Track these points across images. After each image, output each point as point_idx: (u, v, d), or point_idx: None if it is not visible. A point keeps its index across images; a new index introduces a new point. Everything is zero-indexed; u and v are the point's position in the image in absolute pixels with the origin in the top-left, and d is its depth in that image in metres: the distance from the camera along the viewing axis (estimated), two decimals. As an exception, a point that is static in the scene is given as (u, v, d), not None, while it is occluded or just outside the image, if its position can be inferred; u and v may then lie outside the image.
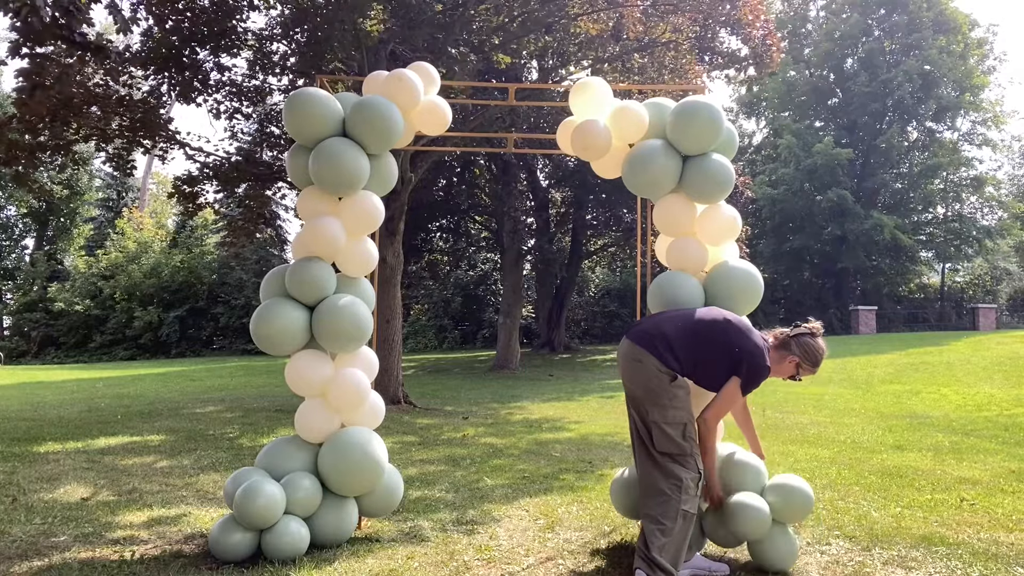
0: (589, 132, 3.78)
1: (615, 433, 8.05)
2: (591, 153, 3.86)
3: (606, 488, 5.02)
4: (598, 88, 3.94)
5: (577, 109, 4.00)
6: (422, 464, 6.24)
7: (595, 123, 3.80)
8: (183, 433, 7.96)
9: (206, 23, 9.19)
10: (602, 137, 3.78)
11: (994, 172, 34.83)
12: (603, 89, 3.94)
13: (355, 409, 3.90)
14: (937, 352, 16.30)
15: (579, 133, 3.82)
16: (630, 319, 27.80)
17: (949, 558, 3.64)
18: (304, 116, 3.77)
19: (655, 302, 3.75)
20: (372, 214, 3.95)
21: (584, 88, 3.96)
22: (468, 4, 9.93)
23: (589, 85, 3.96)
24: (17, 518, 4.41)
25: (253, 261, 28.89)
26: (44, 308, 30.21)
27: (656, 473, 3.22)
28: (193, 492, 5.14)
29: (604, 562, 3.62)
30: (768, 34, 12.38)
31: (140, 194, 39.19)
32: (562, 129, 4.13)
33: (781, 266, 30.98)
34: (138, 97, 10.74)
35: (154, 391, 13.29)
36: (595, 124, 3.80)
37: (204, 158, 11.33)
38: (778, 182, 30.00)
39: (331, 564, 3.57)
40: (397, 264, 10.78)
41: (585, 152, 3.86)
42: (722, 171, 3.72)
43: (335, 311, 3.76)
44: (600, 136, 3.78)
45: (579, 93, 3.97)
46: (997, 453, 6.56)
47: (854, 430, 8.03)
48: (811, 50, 32.72)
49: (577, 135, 3.83)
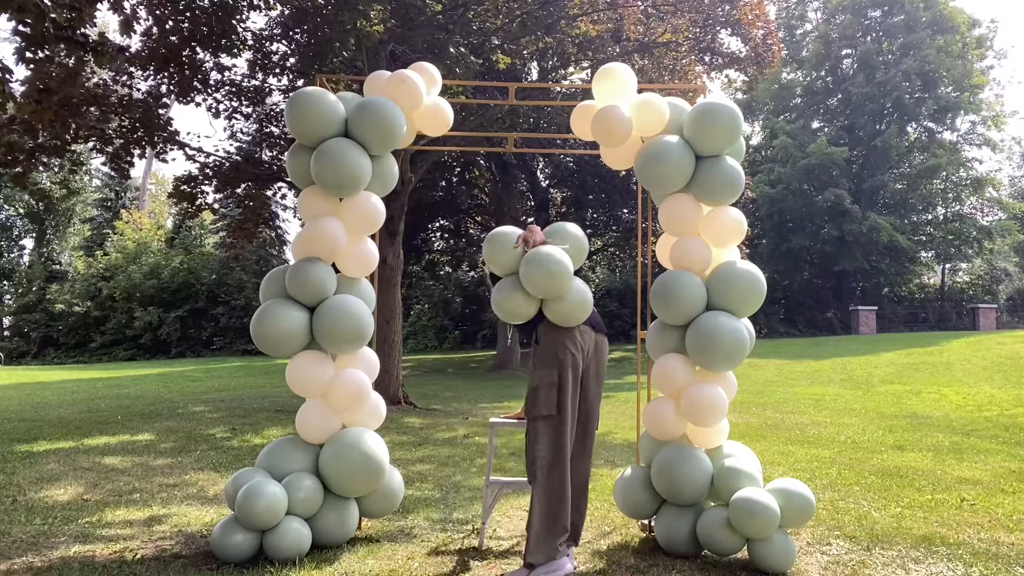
0: (613, 117, 3.72)
1: (615, 433, 8.05)
2: (611, 139, 3.79)
3: (606, 489, 5.02)
4: (623, 75, 3.89)
5: (600, 94, 3.95)
6: (422, 464, 6.24)
7: (619, 109, 3.75)
8: (183, 434, 7.96)
9: (206, 23, 9.18)
10: (625, 124, 3.73)
11: (994, 172, 34.88)
12: (628, 77, 3.90)
13: (356, 410, 3.90)
14: (937, 352, 16.30)
15: (602, 117, 3.76)
16: (630, 319, 27.79)
17: (949, 558, 3.64)
18: (306, 116, 3.77)
19: (658, 301, 3.75)
20: (373, 215, 3.95)
21: (609, 73, 3.91)
22: (468, 4, 9.94)
23: (615, 71, 3.90)
24: (17, 518, 4.41)
25: (253, 261, 28.89)
26: (44, 309, 30.20)
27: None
28: (193, 493, 5.14)
29: (604, 562, 3.62)
30: (769, 33, 12.38)
31: (139, 194, 39.18)
32: (579, 112, 4.02)
33: (780, 266, 30.97)
34: (138, 97, 10.73)
35: (154, 392, 13.28)
36: (619, 110, 3.74)
37: (204, 158, 11.33)
38: (776, 181, 30.02)
39: (331, 564, 3.57)
40: (397, 264, 10.78)
41: (606, 137, 3.78)
42: (734, 174, 3.72)
43: (335, 312, 3.75)
44: (623, 123, 3.73)
45: (604, 79, 3.91)
46: (997, 453, 6.56)
47: (854, 430, 8.03)
48: (808, 51, 32.74)
49: (599, 119, 3.77)
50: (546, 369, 3.47)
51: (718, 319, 3.63)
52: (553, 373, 3.45)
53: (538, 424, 3.46)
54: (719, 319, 3.63)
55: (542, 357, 3.52)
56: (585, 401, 3.61)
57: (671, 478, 3.67)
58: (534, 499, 3.41)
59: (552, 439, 3.43)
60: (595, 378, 3.66)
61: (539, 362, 3.53)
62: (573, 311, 3.51)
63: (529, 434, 3.50)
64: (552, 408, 3.42)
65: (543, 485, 3.40)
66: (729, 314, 3.67)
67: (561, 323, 3.54)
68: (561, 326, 3.53)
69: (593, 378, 3.64)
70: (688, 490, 3.65)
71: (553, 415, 3.42)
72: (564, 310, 3.51)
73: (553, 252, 3.48)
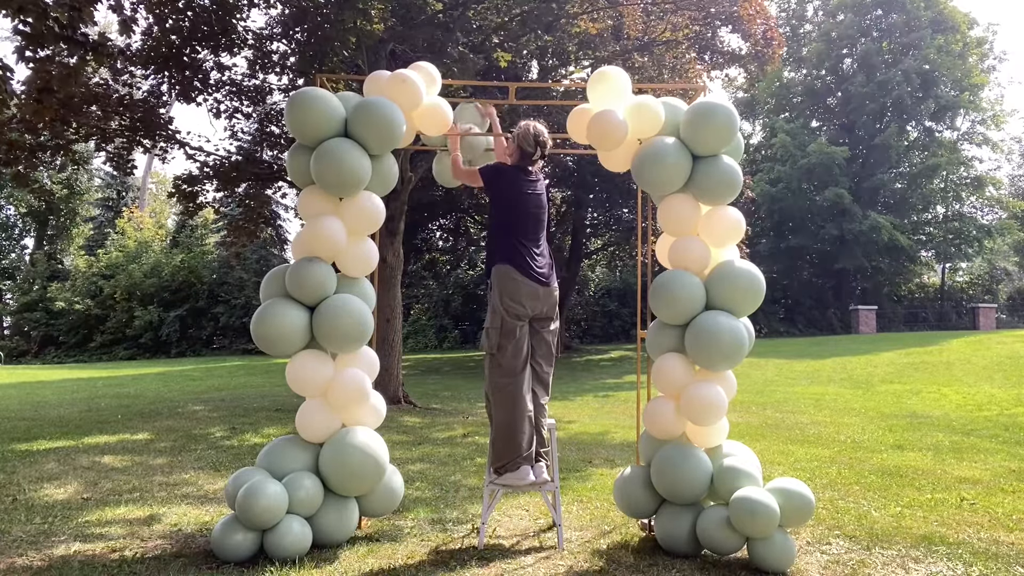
0: (608, 122, 3.75)
1: (615, 432, 8.05)
2: (607, 143, 3.83)
3: (606, 488, 5.02)
4: (617, 79, 3.91)
5: (595, 98, 3.96)
6: (421, 463, 6.24)
7: (614, 113, 3.77)
8: (183, 433, 7.97)
9: (206, 22, 9.18)
10: (620, 128, 3.76)
11: (994, 172, 34.87)
12: (623, 80, 3.91)
13: (356, 409, 3.90)
14: (937, 352, 16.31)
15: (597, 122, 3.78)
16: (630, 318, 27.81)
17: (949, 558, 3.64)
18: (306, 116, 3.77)
19: (658, 301, 3.75)
20: (373, 214, 3.95)
21: (604, 77, 3.92)
22: (468, 3, 9.93)
23: (609, 74, 3.92)
24: (17, 517, 4.42)
25: (253, 261, 28.86)
26: (44, 308, 30.19)
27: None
28: (192, 492, 5.14)
29: (604, 562, 3.62)
30: (769, 30, 12.37)
31: (140, 193, 39.19)
32: (575, 116, 4.03)
33: (780, 265, 30.99)
34: (138, 96, 10.73)
35: (154, 391, 13.28)
36: (614, 115, 3.77)
37: (204, 157, 11.33)
38: (776, 180, 30.03)
39: (331, 564, 3.57)
40: (397, 264, 10.78)
41: (601, 141, 3.82)
42: (731, 173, 3.72)
43: (335, 311, 3.76)
44: (618, 127, 3.75)
45: (598, 82, 3.93)
46: (997, 453, 6.57)
47: (854, 430, 8.03)
48: (808, 50, 32.74)
49: (595, 124, 3.79)
50: (491, 314, 3.97)
51: (717, 318, 3.63)
52: (496, 319, 3.92)
53: (485, 360, 4.03)
54: (718, 318, 3.63)
55: (489, 304, 4.02)
56: (540, 343, 4.04)
57: (671, 477, 3.67)
58: (491, 423, 4.03)
59: (490, 372, 3.96)
60: (544, 321, 4.03)
61: (488, 309, 4.04)
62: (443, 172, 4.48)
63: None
64: (493, 348, 3.91)
65: (493, 411, 3.98)
66: (728, 313, 3.68)
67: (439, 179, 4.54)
68: (503, 279, 3.92)
69: (542, 322, 4.03)
70: (688, 489, 3.65)
71: (495, 353, 3.91)
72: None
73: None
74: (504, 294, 3.90)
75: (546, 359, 4.06)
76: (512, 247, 3.93)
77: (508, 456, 3.84)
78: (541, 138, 4.04)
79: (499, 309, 3.91)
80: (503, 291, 3.91)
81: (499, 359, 3.92)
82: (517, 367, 3.92)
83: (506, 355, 3.90)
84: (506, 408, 3.89)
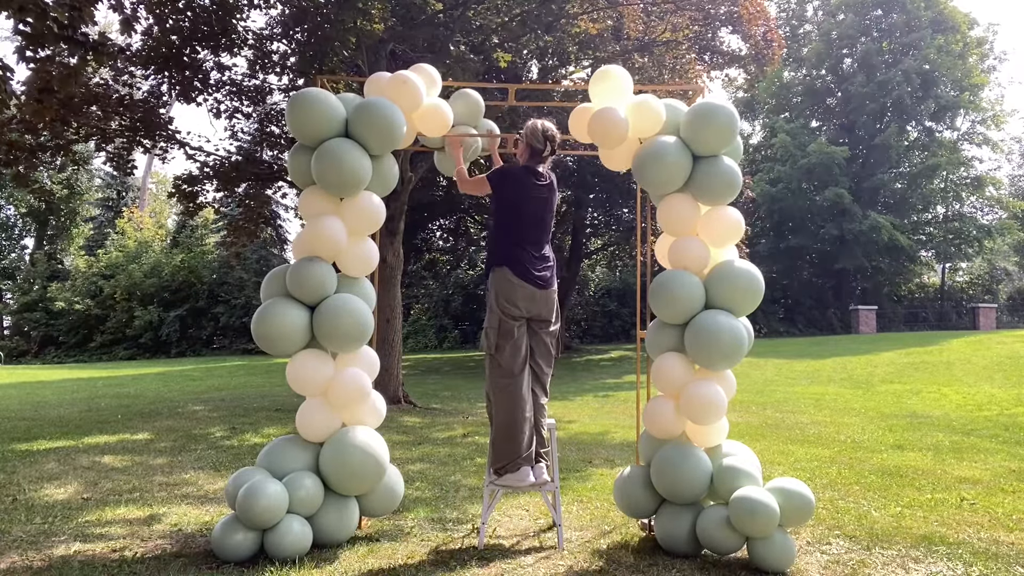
0: (609, 120, 3.77)
1: (614, 432, 8.05)
2: (608, 141, 3.85)
3: (606, 488, 5.02)
4: (619, 77, 3.92)
5: (597, 96, 3.98)
6: (421, 463, 6.24)
7: (615, 112, 3.79)
8: (183, 433, 7.97)
9: (206, 22, 9.18)
10: (621, 127, 3.78)
11: (994, 172, 34.89)
12: (624, 79, 3.93)
13: (356, 408, 3.91)
14: (937, 351, 16.31)
15: (599, 120, 3.80)
16: (630, 318, 27.82)
17: (949, 558, 3.64)
18: (307, 116, 3.77)
19: (657, 300, 3.75)
20: (373, 214, 3.96)
21: (606, 75, 3.94)
22: (468, 3, 9.93)
23: (611, 73, 3.94)
24: (17, 517, 4.42)
25: (253, 261, 28.87)
26: (44, 308, 30.18)
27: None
28: (193, 491, 5.14)
29: (604, 562, 3.62)
30: (769, 31, 12.38)
31: (140, 194, 39.18)
32: (578, 115, 4.05)
33: (780, 265, 31.00)
34: (138, 97, 10.73)
35: (154, 391, 13.29)
36: (615, 113, 3.78)
37: (204, 157, 11.33)
38: (776, 180, 30.03)
39: (331, 564, 3.57)
40: (397, 264, 10.78)
41: (603, 139, 3.84)
42: (731, 174, 3.73)
43: (336, 311, 3.76)
44: (620, 125, 3.77)
45: (600, 81, 3.95)
46: (997, 453, 6.57)
47: (854, 430, 8.03)
48: (808, 50, 32.75)
49: (596, 122, 3.81)
50: (489, 315, 4.02)
51: (717, 318, 3.63)
52: (494, 319, 3.96)
53: (485, 360, 4.07)
54: (718, 318, 3.63)
55: (488, 306, 4.06)
56: (539, 344, 4.07)
57: (671, 477, 3.67)
58: (491, 423, 4.05)
59: (491, 372, 4.01)
60: (542, 324, 4.05)
61: (487, 309, 4.08)
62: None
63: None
64: (492, 348, 3.97)
65: (493, 411, 4.00)
66: (728, 313, 3.68)
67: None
68: (500, 281, 3.96)
69: (540, 324, 4.05)
70: (688, 489, 3.65)
71: (493, 353, 3.96)
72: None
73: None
74: (500, 295, 3.93)
75: (545, 360, 4.07)
76: (512, 250, 3.93)
77: (508, 456, 3.85)
78: (549, 133, 4.05)
79: (496, 310, 3.95)
80: (499, 292, 3.93)
81: (498, 359, 3.96)
82: (516, 367, 3.94)
83: (504, 355, 3.94)
84: (506, 408, 3.90)
